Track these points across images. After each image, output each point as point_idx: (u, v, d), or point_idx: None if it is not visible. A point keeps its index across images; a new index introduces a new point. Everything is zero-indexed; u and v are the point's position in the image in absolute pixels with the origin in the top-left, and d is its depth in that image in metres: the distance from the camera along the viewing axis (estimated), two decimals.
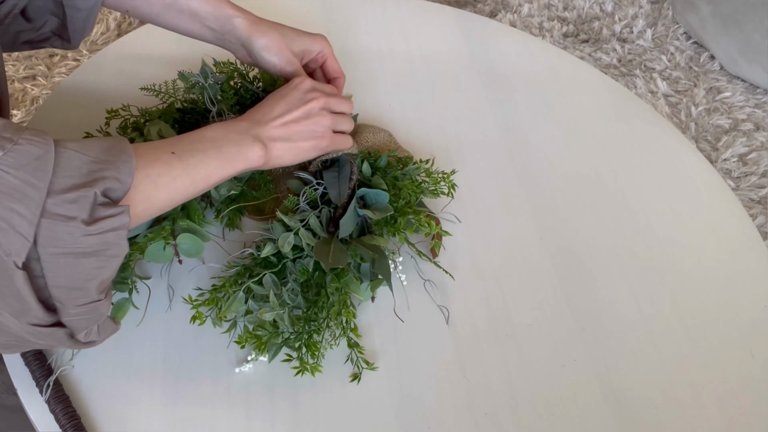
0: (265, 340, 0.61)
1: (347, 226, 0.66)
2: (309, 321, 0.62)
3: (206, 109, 0.73)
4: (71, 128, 0.77)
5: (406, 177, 0.73)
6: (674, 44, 1.94)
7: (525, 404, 0.64)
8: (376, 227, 0.68)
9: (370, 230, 0.69)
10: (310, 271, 0.64)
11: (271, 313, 0.60)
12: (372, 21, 1.02)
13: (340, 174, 0.71)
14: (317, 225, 0.66)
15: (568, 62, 1.01)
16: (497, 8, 2.00)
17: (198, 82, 0.74)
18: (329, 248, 0.64)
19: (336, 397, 0.62)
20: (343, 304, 0.63)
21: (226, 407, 0.60)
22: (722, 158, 1.64)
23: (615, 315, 0.72)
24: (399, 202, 0.70)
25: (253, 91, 0.76)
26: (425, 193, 0.74)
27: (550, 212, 0.81)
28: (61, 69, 1.62)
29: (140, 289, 0.65)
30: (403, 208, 0.69)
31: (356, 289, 0.64)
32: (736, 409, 0.67)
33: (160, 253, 0.63)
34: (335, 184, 0.70)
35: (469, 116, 0.91)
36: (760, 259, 0.80)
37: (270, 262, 0.65)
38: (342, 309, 0.63)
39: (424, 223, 0.69)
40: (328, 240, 0.65)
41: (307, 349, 0.61)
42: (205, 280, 0.68)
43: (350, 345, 0.64)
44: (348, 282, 0.64)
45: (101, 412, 0.59)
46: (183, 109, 0.75)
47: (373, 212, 0.68)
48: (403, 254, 0.72)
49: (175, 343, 0.63)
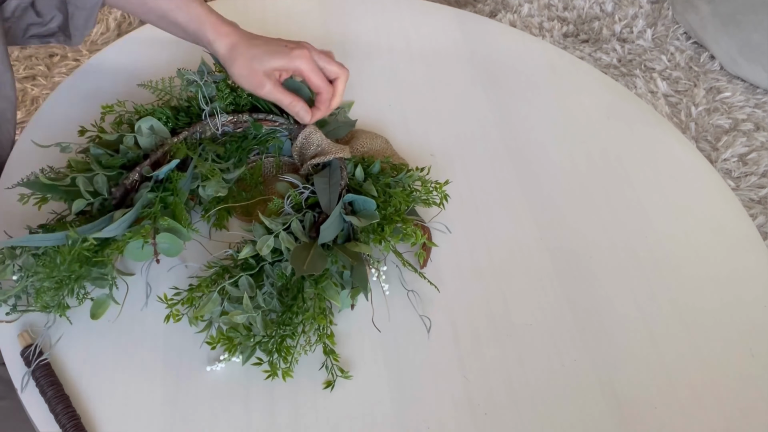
0: (236, 343, 0.61)
1: (328, 232, 0.66)
2: (282, 325, 0.61)
3: (201, 109, 0.73)
4: (71, 128, 0.77)
5: (398, 184, 0.73)
6: (674, 44, 1.94)
7: (525, 404, 0.64)
8: (361, 234, 0.68)
9: (355, 237, 0.68)
10: (287, 275, 0.64)
11: (242, 316, 0.60)
12: (372, 21, 1.02)
13: (331, 180, 0.71)
14: (299, 229, 0.66)
15: (568, 62, 1.01)
16: (497, 8, 2.00)
17: (194, 80, 0.74)
18: (307, 254, 0.63)
19: (336, 397, 0.62)
20: (320, 310, 0.62)
21: (226, 406, 0.60)
22: (722, 158, 1.64)
23: (615, 315, 0.72)
24: (388, 210, 0.69)
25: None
26: (416, 202, 0.73)
27: (550, 212, 0.81)
28: (61, 69, 1.62)
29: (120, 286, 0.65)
30: (391, 215, 0.69)
31: (334, 296, 0.63)
32: (736, 409, 0.67)
33: (138, 252, 0.62)
34: (326, 191, 0.70)
35: (468, 116, 0.91)
36: (760, 259, 0.80)
37: (249, 264, 0.64)
38: (317, 315, 0.62)
39: (411, 233, 0.68)
40: (308, 245, 0.65)
41: (278, 353, 0.61)
42: (185, 278, 0.68)
43: (326, 352, 0.63)
44: (326, 288, 0.63)
45: (101, 412, 0.59)
46: (179, 108, 0.75)
47: (359, 219, 0.67)
48: (389, 264, 0.71)
49: (175, 343, 0.63)
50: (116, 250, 0.61)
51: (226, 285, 0.62)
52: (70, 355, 0.61)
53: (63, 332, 0.62)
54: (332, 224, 0.66)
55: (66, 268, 0.59)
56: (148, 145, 0.69)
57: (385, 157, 0.77)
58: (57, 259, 0.59)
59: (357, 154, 0.79)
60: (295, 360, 0.62)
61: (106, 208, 0.65)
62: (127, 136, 0.69)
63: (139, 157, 0.69)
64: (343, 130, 0.82)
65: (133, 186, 0.66)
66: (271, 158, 0.77)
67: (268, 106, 0.77)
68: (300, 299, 0.62)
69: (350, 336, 0.66)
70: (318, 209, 0.69)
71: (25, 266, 0.60)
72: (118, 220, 0.61)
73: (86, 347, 0.62)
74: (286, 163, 0.77)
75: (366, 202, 0.69)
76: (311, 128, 0.74)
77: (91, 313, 0.62)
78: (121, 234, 0.61)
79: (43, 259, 0.60)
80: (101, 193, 0.65)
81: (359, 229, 0.68)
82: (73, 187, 0.64)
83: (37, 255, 0.60)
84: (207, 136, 0.73)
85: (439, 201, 0.74)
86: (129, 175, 0.65)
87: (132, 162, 0.68)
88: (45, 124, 0.79)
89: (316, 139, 0.74)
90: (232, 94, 0.75)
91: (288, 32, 0.97)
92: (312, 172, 0.73)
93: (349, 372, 0.63)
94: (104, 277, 0.62)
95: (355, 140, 0.81)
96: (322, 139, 0.74)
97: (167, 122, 0.72)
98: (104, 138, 0.70)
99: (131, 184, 0.65)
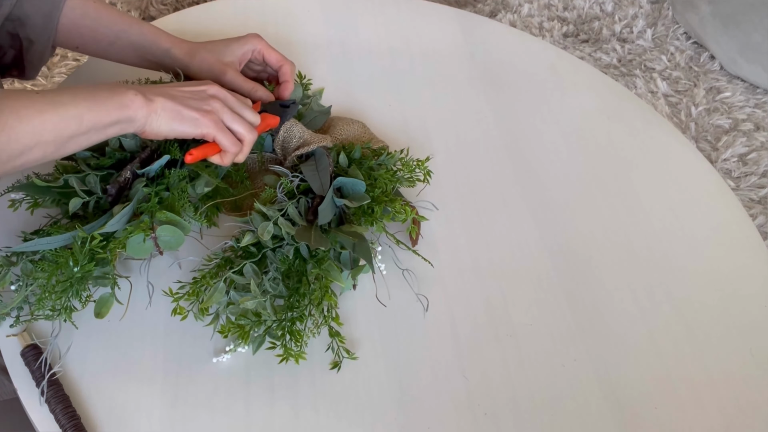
0: (247, 329, 0.61)
1: (326, 213, 0.67)
2: (291, 308, 0.62)
3: None
4: None
5: (381, 167, 0.74)
6: (674, 44, 1.94)
7: (525, 404, 0.64)
8: (354, 217, 0.69)
9: (348, 220, 0.69)
10: (290, 259, 0.64)
11: (253, 302, 0.61)
12: (372, 21, 1.02)
13: (319, 166, 0.72)
14: (296, 214, 0.67)
15: (568, 62, 1.01)
16: (497, 8, 2.00)
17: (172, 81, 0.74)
18: (310, 234, 0.65)
19: (336, 397, 0.62)
20: (325, 290, 0.64)
21: (227, 404, 0.60)
22: (722, 158, 1.64)
23: (615, 315, 0.72)
24: (375, 192, 0.70)
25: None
26: (401, 182, 0.74)
27: (550, 212, 0.81)
28: (61, 69, 1.62)
29: (123, 287, 0.65)
30: (379, 197, 0.70)
31: (337, 277, 0.65)
32: (736, 409, 0.67)
33: (140, 246, 0.62)
34: (315, 177, 0.71)
35: (468, 116, 0.91)
36: (760, 259, 0.80)
37: (250, 253, 0.65)
38: (323, 295, 0.63)
39: (400, 210, 0.70)
40: (308, 227, 0.66)
41: (290, 335, 0.62)
42: (186, 275, 0.68)
43: (331, 334, 0.64)
44: (328, 269, 0.64)
45: (101, 412, 0.59)
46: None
47: (350, 201, 0.68)
48: (382, 245, 0.72)
49: (175, 342, 0.63)
50: (118, 245, 0.61)
51: (231, 274, 0.62)
52: (70, 355, 0.61)
53: (72, 341, 0.62)
54: (328, 205, 0.67)
55: (79, 270, 0.59)
56: (133, 147, 0.69)
57: (365, 142, 0.79)
58: (69, 261, 0.59)
59: (337, 141, 0.80)
60: (305, 343, 0.63)
61: (101, 207, 0.65)
62: (111, 139, 0.69)
63: (126, 158, 0.69)
64: (321, 119, 0.83)
65: (126, 184, 0.66)
66: (253, 155, 0.77)
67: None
68: (305, 282, 0.63)
69: (349, 319, 0.67)
70: (311, 194, 0.70)
71: (24, 273, 0.60)
72: (118, 214, 0.61)
73: (86, 348, 0.62)
74: (269, 159, 0.78)
75: (355, 185, 0.70)
76: (292, 121, 0.75)
77: (95, 312, 0.62)
78: (122, 227, 0.61)
79: (42, 264, 0.60)
80: (95, 192, 0.65)
81: (351, 211, 0.69)
82: (67, 188, 0.64)
83: (34, 261, 0.60)
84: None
85: (423, 178, 0.76)
86: (122, 173, 0.65)
87: (119, 163, 0.68)
88: None
89: (297, 131, 0.74)
90: None
91: (288, 32, 0.97)
92: (297, 163, 0.74)
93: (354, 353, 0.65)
94: (106, 275, 0.62)
95: (333, 128, 0.83)
96: (303, 131, 0.75)
97: None
98: None
99: (124, 181, 0.65)
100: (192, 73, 0.75)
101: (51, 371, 0.59)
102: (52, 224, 0.65)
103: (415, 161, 0.76)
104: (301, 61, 0.92)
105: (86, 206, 0.65)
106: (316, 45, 0.96)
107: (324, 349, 0.65)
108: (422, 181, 0.76)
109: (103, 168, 0.67)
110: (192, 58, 0.75)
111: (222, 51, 0.76)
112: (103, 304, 0.62)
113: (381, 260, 0.71)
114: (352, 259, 0.67)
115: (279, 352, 0.62)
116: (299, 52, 0.94)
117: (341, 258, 0.67)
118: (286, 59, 0.78)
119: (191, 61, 0.75)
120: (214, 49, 0.76)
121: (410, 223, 0.74)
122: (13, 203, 0.65)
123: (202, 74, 0.75)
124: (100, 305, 0.62)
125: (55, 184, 0.64)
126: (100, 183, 0.65)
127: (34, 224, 0.66)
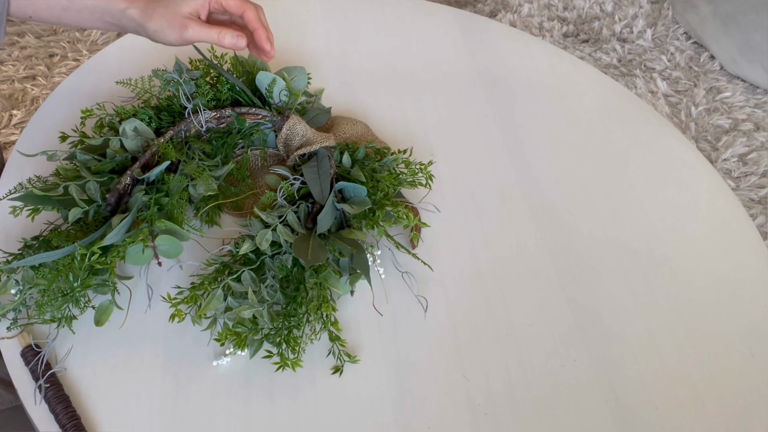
0: (244, 337, 0.61)
1: (325, 222, 0.66)
2: (288, 317, 0.62)
3: (183, 107, 0.73)
4: (71, 128, 0.77)
5: (384, 168, 0.74)
6: (674, 44, 1.94)
7: (525, 404, 0.64)
8: (354, 220, 0.69)
9: (348, 224, 0.69)
10: (288, 266, 0.64)
11: (249, 310, 0.61)
12: (372, 21, 1.02)
13: (320, 170, 0.71)
14: (295, 221, 0.67)
15: (568, 62, 1.01)
16: (497, 8, 2.00)
17: (172, 78, 0.74)
18: (308, 245, 0.64)
19: (336, 397, 0.62)
20: (323, 298, 0.63)
21: (227, 405, 0.60)
22: (722, 158, 1.64)
23: (615, 315, 0.72)
24: (377, 195, 0.70)
25: (231, 84, 0.75)
26: (403, 185, 0.74)
27: (550, 212, 0.81)
28: (61, 69, 1.62)
29: (122, 291, 0.65)
30: (381, 200, 0.70)
31: (335, 284, 0.64)
32: (736, 409, 0.67)
33: (139, 256, 0.63)
34: (316, 181, 0.70)
35: (469, 116, 0.91)
36: (760, 259, 0.80)
37: (249, 259, 0.65)
38: (321, 303, 0.63)
39: (403, 215, 0.70)
40: (307, 236, 0.65)
41: (287, 344, 0.62)
42: (186, 276, 0.68)
43: (332, 338, 0.64)
44: (327, 276, 0.64)
45: (101, 412, 0.59)
46: (160, 107, 0.75)
47: (351, 206, 0.68)
48: (381, 247, 0.72)
49: (175, 343, 0.63)
50: (117, 256, 0.61)
51: (229, 281, 0.62)
52: (70, 356, 0.61)
53: (72, 344, 0.62)
54: (327, 214, 0.67)
55: (79, 284, 0.59)
56: (134, 147, 0.69)
57: (369, 142, 0.78)
58: (69, 276, 0.59)
59: (339, 140, 0.80)
60: (302, 350, 0.63)
61: (101, 213, 0.65)
62: (112, 140, 0.68)
63: (127, 160, 0.68)
64: (323, 117, 0.83)
65: (125, 190, 0.66)
66: (256, 151, 0.77)
67: (250, 100, 0.77)
68: (303, 290, 0.63)
69: (349, 321, 0.67)
70: (311, 199, 0.70)
71: (25, 279, 0.60)
72: (117, 227, 0.61)
73: (86, 348, 0.62)
74: (271, 155, 0.78)
75: (356, 189, 0.70)
76: (295, 119, 0.75)
77: (95, 320, 0.62)
78: (120, 239, 0.61)
79: (42, 271, 0.60)
80: (95, 200, 0.64)
81: (351, 216, 0.69)
82: (66, 196, 0.64)
83: (35, 267, 0.60)
84: (192, 134, 0.73)
85: (425, 182, 0.76)
86: (121, 180, 0.65)
87: (121, 166, 0.68)
88: (45, 124, 0.79)
89: (300, 129, 0.74)
90: (213, 90, 0.75)
91: (288, 32, 0.97)
92: (299, 162, 0.74)
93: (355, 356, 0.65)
94: (105, 283, 0.62)
95: (336, 127, 0.82)
96: (306, 129, 0.75)
97: (150, 122, 0.72)
98: (89, 143, 0.69)
99: (123, 188, 0.65)
100: (150, 32, 0.72)
101: (50, 371, 0.59)
102: (52, 230, 0.64)
103: (418, 164, 0.76)
104: (301, 61, 0.92)
105: (87, 212, 0.64)
106: (316, 45, 0.96)
107: (324, 348, 0.65)
108: (424, 185, 0.76)
109: (103, 173, 0.66)
110: (150, 16, 0.71)
111: (179, 3, 0.71)
112: (103, 312, 0.62)
113: (380, 264, 0.71)
114: (350, 265, 0.66)
115: (276, 360, 0.62)
116: (300, 52, 0.94)
117: (340, 263, 0.67)
118: (247, 3, 0.72)
119: (149, 19, 0.71)
120: (170, 3, 0.71)
121: (411, 229, 0.74)
122: (14, 209, 0.65)
123: (161, 32, 0.71)
124: (99, 313, 0.62)
125: (54, 193, 0.64)
126: (101, 188, 0.65)
127: (34, 229, 0.66)
